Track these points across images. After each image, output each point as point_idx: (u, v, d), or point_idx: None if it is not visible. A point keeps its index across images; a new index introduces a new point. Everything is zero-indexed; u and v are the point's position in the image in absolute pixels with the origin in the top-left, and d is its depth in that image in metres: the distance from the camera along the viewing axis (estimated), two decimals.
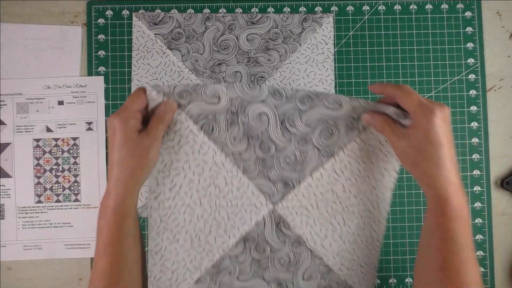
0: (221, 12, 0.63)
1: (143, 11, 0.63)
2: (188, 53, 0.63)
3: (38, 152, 0.62)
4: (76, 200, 0.61)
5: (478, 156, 0.63)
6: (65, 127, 0.62)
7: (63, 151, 0.62)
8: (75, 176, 0.62)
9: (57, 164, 0.62)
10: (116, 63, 0.63)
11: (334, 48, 0.63)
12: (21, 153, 0.61)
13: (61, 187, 0.61)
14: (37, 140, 0.62)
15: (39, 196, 0.61)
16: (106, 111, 0.62)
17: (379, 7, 0.64)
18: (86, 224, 0.61)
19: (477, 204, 0.63)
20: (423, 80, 0.63)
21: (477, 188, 0.63)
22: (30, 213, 0.61)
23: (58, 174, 0.61)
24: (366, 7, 0.64)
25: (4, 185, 0.61)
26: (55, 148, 0.62)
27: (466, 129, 0.63)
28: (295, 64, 0.63)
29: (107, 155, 0.61)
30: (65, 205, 0.61)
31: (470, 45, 0.64)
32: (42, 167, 0.61)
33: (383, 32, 0.63)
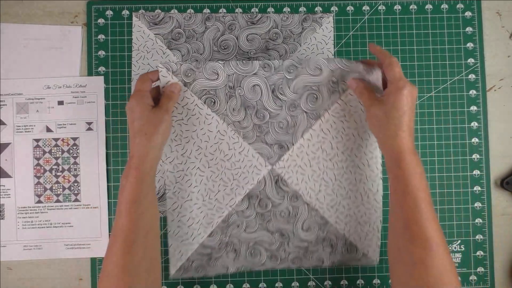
0: (221, 12, 0.63)
1: (143, 11, 0.63)
2: (188, 53, 0.63)
3: (38, 152, 0.62)
4: (76, 200, 0.61)
5: (478, 156, 0.63)
6: (65, 127, 0.62)
7: (63, 151, 0.62)
8: (75, 176, 0.62)
9: (57, 164, 0.62)
10: (116, 63, 0.63)
11: (334, 48, 0.63)
12: (21, 153, 0.61)
13: (61, 187, 0.61)
14: (37, 140, 0.62)
15: (39, 196, 0.61)
16: (106, 111, 0.62)
17: (379, 7, 0.64)
18: (86, 224, 0.61)
19: (477, 204, 0.63)
20: (423, 80, 0.63)
21: (477, 188, 0.63)
22: (30, 213, 0.61)
23: (58, 174, 0.61)
24: (366, 7, 0.64)
25: (4, 185, 0.61)
26: (55, 148, 0.62)
27: (466, 129, 0.63)
28: None
29: (107, 155, 0.62)
30: (65, 205, 0.61)
31: (470, 45, 0.64)
32: (42, 167, 0.61)
33: (383, 32, 0.64)
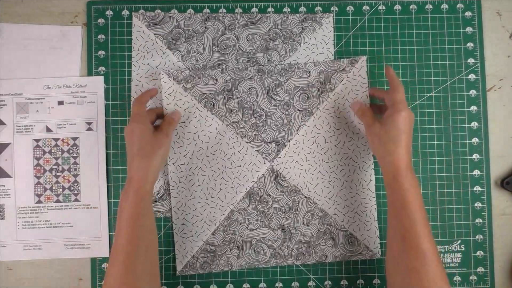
0: (221, 12, 0.63)
1: (143, 11, 0.63)
2: (188, 53, 0.63)
3: (38, 152, 0.62)
4: (76, 200, 0.61)
5: (478, 156, 0.63)
6: (65, 127, 0.62)
7: (63, 151, 0.62)
8: (75, 176, 0.61)
9: (57, 164, 0.62)
10: (116, 63, 0.63)
11: (334, 48, 0.63)
12: (21, 153, 0.61)
13: (61, 187, 0.61)
14: (37, 140, 0.62)
15: (39, 196, 0.61)
16: (106, 111, 0.62)
17: (379, 7, 0.64)
18: (86, 224, 0.61)
19: (477, 204, 0.63)
20: (423, 80, 0.63)
21: (477, 188, 0.63)
22: (30, 213, 0.61)
23: (58, 174, 0.61)
24: (366, 7, 0.64)
25: (4, 185, 0.61)
26: (55, 148, 0.62)
27: (466, 129, 0.63)
28: None
29: (107, 155, 0.62)
30: (65, 205, 0.61)
31: (470, 45, 0.64)
32: (42, 167, 0.61)
33: (383, 32, 0.63)
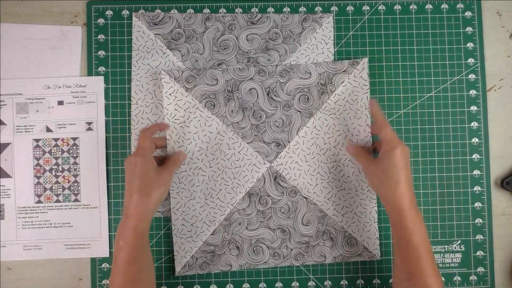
0: (221, 12, 0.63)
1: (143, 11, 0.63)
2: (188, 53, 0.63)
3: (38, 152, 0.62)
4: (76, 200, 0.61)
5: (478, 156, 0.63)
6: (65, 127, 0.62)
7: (63, 151, 0.62)
8: (75, 176, 0.61)
9: (57, 164, 0.62)
10: (116, 63, 0.63)
11: (334, 48, 0.63)
12: (21, 153, 0.61)
13: (61, 187, 0.61)
14: (37, 140, 0.62)
15: (39, 196, 0.61)
16: (106, 111, 0.62)
17: (379, 7, 0.64)
18: (86, 224, 0.61)
19: (477, 204, 0.63)
20: (423, 80, 0.63)
21: (477, 188, 0.63)
22: (30, 213, 0.61)
23: (58, 174, 0.61)
24: (366, 7, 0.64)
25: (4, 185, 0.61)
26: (55, 148, 0.62)
27: (466, 129, 0.63)
28: None
29: (107, 155, 0.62)
30: (65, 205, 0.61)
31: (470, 45, 0.64)
32: (42, 167, 0.61)
33: (383, 32, 0.63)
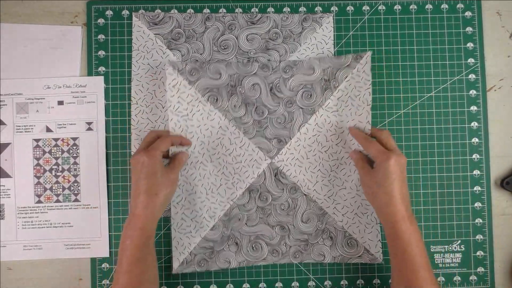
0: (221, 12, 0.63)
1: (143, 11, 0.63)
2: (188, 53, 0.62)
3: (38, 152, 0.62)
4: (76, 200, 0.61)
5: (478, 156, 0.63)
6: (65, 127, 0.62)
7: (63, 151, 0.62)
8: (75, 176, 0.61)
9: (57, 164, 0.62)
10: (116, 63, 0.63)
11: (334, 48, 0.63)
12: (21, 153, 0.61)
13: (61, 187, 0.61)
14: (37, 140, 0.62)
15: (39, 196, 0.61)
16: (106, 111, 0.62)
17: (379, 7, 0.64)
18: (86, 224, 0.61)
19: (477, 204, 0.63)
20: (423, 80, 0.63)
21: (477, 188, 0.63)
22: (30, 213, 0.61)
23: (58, 174, 0.61)
24: (366, 7, 0.64)
25: (4, 185, 0.61)
26: (55, 148, 0.62)
27: (466, 129, 0.63)
28: None
29: (107, 155, 0.62)
30: (65, 205, 0.61)
31: (470, 45, 0.64)
32: (42, 167, 0.61)
33: (383, 32, 0.63)
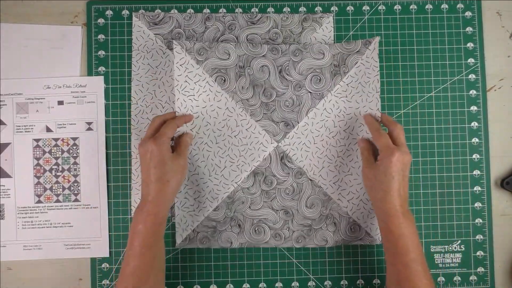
0: (221, 12, 0.63)
1: (143, 11, 0.63)
2: None
3: (38, 152, 0.62)
4: (76, 200, 0.61)
5: (478, 156, 0.63)
6: (65, 127, 0.62)
7: (63, 151, 0.62)
8: (75, 176, 0.61)
9: (57, 164, 0.62)
10: (116, 63, 0.63)
11: None
12: (21, 153, 0.61)
13: (61, 187, 0.61)
14: (37, 140, 0.62)
15: (39, 196, 0.61)
16: (106, 111, 0.62)
17: (379, 7, 0.64)
18: (86, 224, 0.61)
19: (477, 204, 0.63)
20: (423, 80, 0.63)
21: (477, 188, 0.63)
22: (30, 213, 0.61)
23: (58, 174, 0.61)
24: (366, 7, 0.64)
25: (4, 185, 0.61)
26: (55, 148, 0.62)
27: (466, 129, 0.63)
28: None
29: (107, 155, 0.62)
30: (65, 205, 0.61)
31: (470, 45, 0.64)
32: (42, 167, 0.61)
33: (383, 32, 0.63)
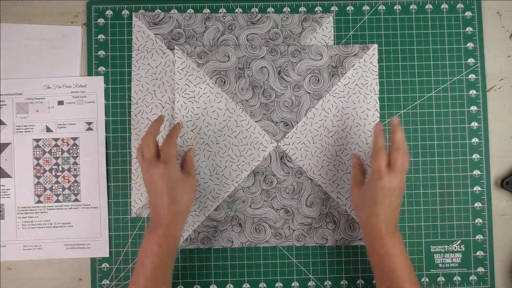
0: (221, 12, 0.63)
1: (143, 11, 0.63)
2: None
3: (38, 152, 0.62)
4: (76, 200, 0.61)
5: (478, 156, 0.63)
6: (65, 127, 0.62)
7: (63, 151, 0.62)
8: (75, 176, 0.61)
9: (57, 164, 0.62)
10: (116, 63, 0.63)
11: None
12: (21, 153, 0.61)
13: (61, 187, 0.61)
14: (37, 140, 0.62)
15: (39, 196, 0.61)
16: (106, 111, 0.62)
17: (379, 7, 0.64)
18: (86, 224, 0.61)
19: (477, 204, 0.63)
20: (423, 80, 0.63)
21: (477, 188, 0.63)
22: (30, 213, 0.61)
23: (58, 174, 0.61)
24: (366, 7, 0.64)
25: (4, 185, 0.61)
26: (55, 148, 0.62)
27: (466, 129, 0.63)
28: None
29: (107, 155, 0.62)
30: (65, 205, 0.61)
31: (470, 45, 0.64)
32: (42, 167, 0.61)
33: (383, 32, 0.63)
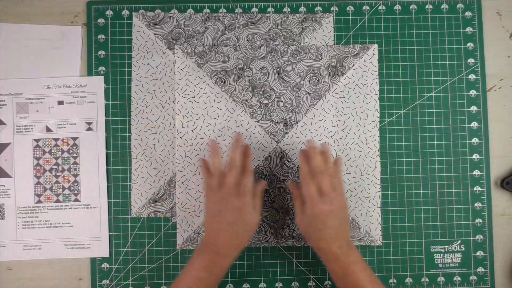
0: (221, 12, 0.63)
1: (143, 11, 0.63)
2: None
3: (38, 152, 0.62)
4: (76, 200, 0.61)
5: (478, 156, 0.63)
6: (65, 127, 0.62)
7: (63, 151, 0.62)
8: (75, 176, 0.61)
9: (57, 164, 0.62)
10: (116, 63, 0.63)
11: None
12: (21, 153, 0.61)
13: (61, 187, 0.61)
14: (37, 140, 0.62)
15: (39, 196, 0.61)
16: (106, 111, 0.62)
17: (379, 7, 0.64)
18: (86, 224, 0.61)
19: (477, 204, 0.63)
20: (423, 80, 0.63)
21: (477, 188, 0.63)
22: (30, 213, 0.61)
23: (58, 174, 0.61)
24: (366, 7, 0.64)
25: (4, 185, 0.61)
26: (55, 148, 0.62)
27: (466, 129, 0.63)
28: None
29: (107, 155, 0.62)
30: (65, 205, 0.61)
31: (470, 45, 0.64)
32: (42, 167, 0.61)
33: (383, 32, 0.63)
